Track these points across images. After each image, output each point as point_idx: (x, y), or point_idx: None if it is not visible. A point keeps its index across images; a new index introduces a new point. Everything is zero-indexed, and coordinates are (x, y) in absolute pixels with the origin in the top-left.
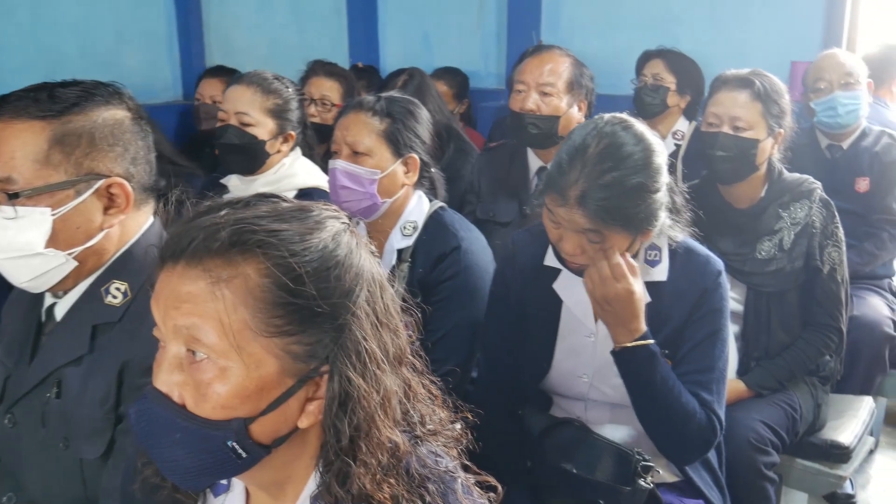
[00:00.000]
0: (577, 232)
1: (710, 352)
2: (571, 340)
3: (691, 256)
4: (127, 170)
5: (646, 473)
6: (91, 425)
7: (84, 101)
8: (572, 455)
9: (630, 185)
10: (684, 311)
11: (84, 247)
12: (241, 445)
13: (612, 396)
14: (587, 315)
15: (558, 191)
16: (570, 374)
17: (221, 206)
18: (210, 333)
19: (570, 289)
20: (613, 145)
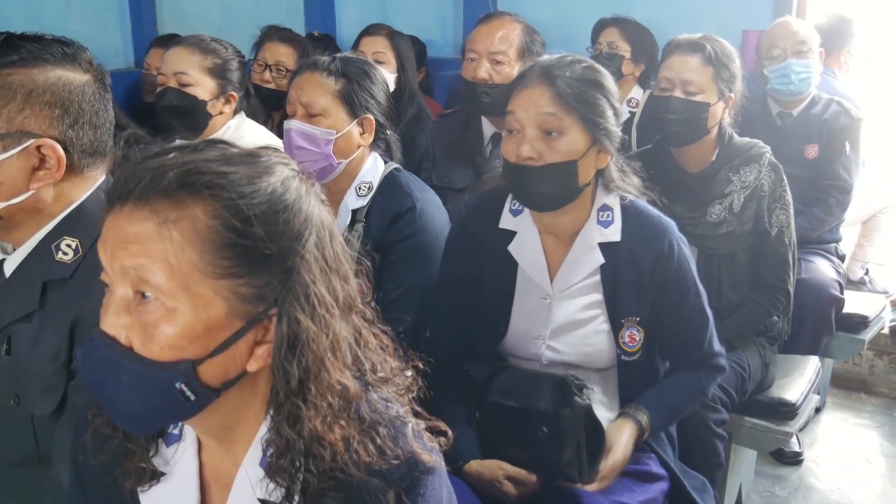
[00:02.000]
0: (535, 129)
1: (696, 312)
2: (527, 302)
3: (643, 217)
4: (64, 133)
5: (580, 392)
6: (42, 382)
7: (33, 58)
8: (512, 392)
9: (591, 78)
10: (642, 272)
11: (7, 203)
12: (190, 388)
13: (568, 355)
14: (543, 276)
15: (523, 80)
16: (525, 335)
17: (169, 150)
18: (158, 274)
19: (526, 251)
20: (578, 58)
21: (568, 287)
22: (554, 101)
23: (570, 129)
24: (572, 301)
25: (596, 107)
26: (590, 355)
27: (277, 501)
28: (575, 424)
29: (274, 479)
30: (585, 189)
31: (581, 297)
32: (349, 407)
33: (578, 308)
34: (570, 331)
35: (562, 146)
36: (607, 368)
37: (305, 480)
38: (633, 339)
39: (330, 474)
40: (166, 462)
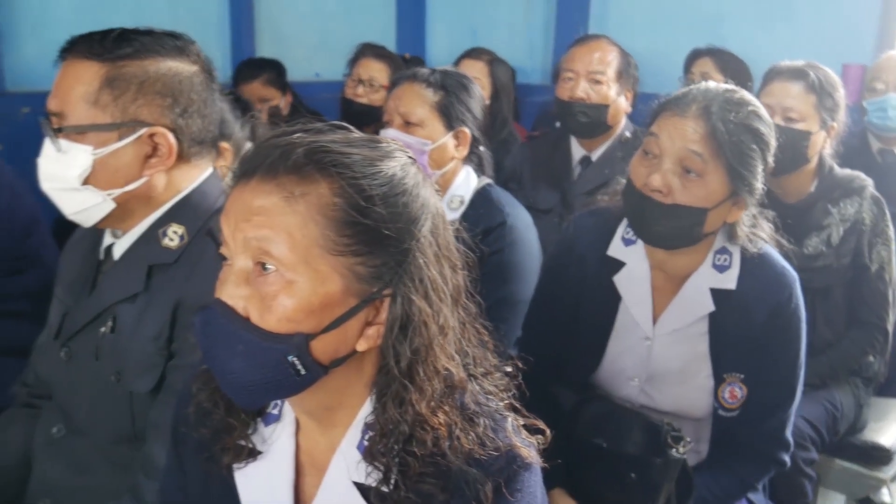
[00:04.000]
0: (674, 162)
1: (790, 382)
2: (626, 340)
3: (766, 266)
4: (174, 122)
5: (676, 444)
6: (143, 360)
7: (147, 51)
8: (603, 429)
9: (753, 126)
10: (754, 324)
11: (122, 190)
12: (301, 362)
13: (663, 404)
14: (646, 316)
15: (678, 105)
16: (620, 374)
17: (294, 130)
18: (280, 246)
19: (632, 286)
20: (745, 98)
21: (671, 331)
22: (705, 140)
23: (712, 175)
24: (674, 347)
25: (748, 159)
26: (685, 408)
27: (373, 485)
28: (667, 476)
29: (372, 461)
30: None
31: (684, 344)
32: (452, 394)
33: (680, 356)
34: (668, 379)
35: (697, 190)
36: (700, 419)
37: (405, 463)
38: (734, 395)
39: (430, 459)
40: (263, 441)
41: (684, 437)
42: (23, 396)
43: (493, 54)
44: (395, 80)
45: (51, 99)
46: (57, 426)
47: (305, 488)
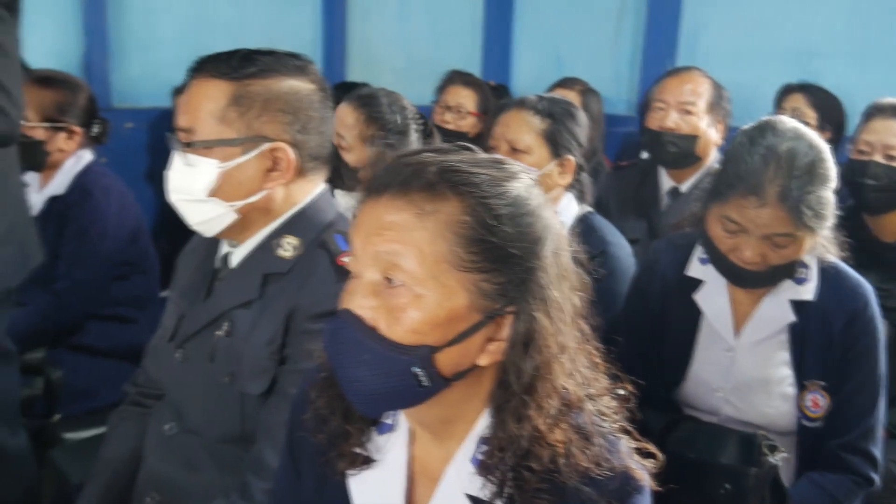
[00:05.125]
0: (762, 237)
1: (871, 391)
2: (709, 353)
3: (842, 278)
4: (294, 137)
5: (771, 452)
6: (256, 363)
7: (271, 70)
8: (694, 444)
9: (824, 181)
10: (833, 333)
11: (244, 202)
12: (425, 373)
13: (748, 414)
14: (727, 328)
15: (752, 190)
16: (705, 386)
17: (423, 150)
18: (410, 260)
19: (712, 301)
20: (803, 144)
21: (754, 342)
22: (789, 222)
23: (802, 236)
24: (757, 357)
25: (824, 216)
26: (770, 417)
27: (486, 498)
28: (762, 484)
29: (487, 475)
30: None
31: (766, 353)
32: (570, 412)
33: (763, 365)
34: (752, 388)
35: (789, 250)
36: (787, 434)
37: (521, 478)
38: (817, 404)
39: (546, 476)
40: (378, 449)
41: (778, 445)
42: (133, 395)
43: (585, 84)
44: (501, 107)
45: (180, 115)
46: (169, 424)
47: (418, 498)
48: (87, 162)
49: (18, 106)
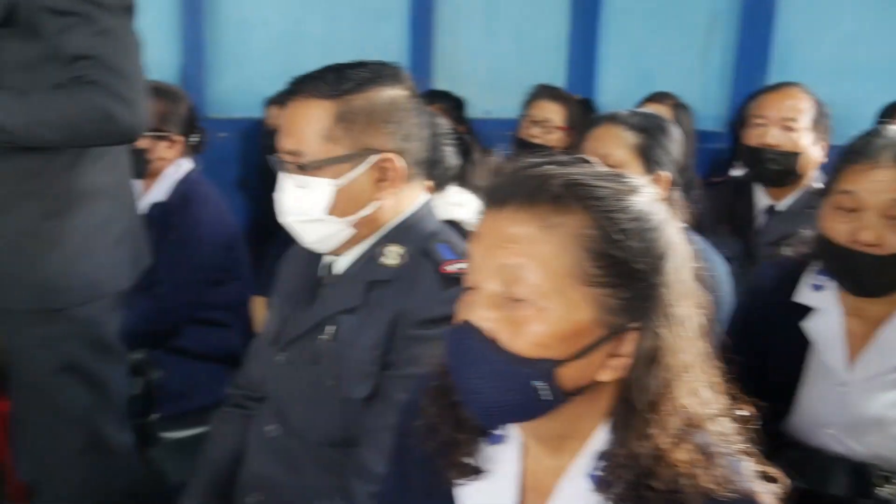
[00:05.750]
0: (879, 214)
1: None
2: (819, 387)
3: None
4: (399, 146)
5: (885, 483)
6: (360, 368)
7: (367, 83)
8: (803, 472)
9: None
10: None
11: (358, 215)
12: (546, 387)
13: (863, 455)
14: (840, 361)
15: (867, 155)
16: (813, 423)
17: (543, 161)
18: (535, 273)
19: (824, 330)
20: None
21: (870, 377)
22: None
23: None
24: (875, 394)
25: None
26: (887, 458)
27: None
28: None
29: (606, 492)
30: None
31: (887, 391)
32: (692, 432)
33: (883, 404)
34: (869, 429)
35: None
36: None
37: (641, 497)
38: None
39: (667, 496)
40: (488, 460)
41: (892, 476)
42: (235, 398)
43: (676, 99)
44: (591, 122)
45: (285, 139)
46: (271, 426)
47: None
48: (187, 170)
49: (143, 96)
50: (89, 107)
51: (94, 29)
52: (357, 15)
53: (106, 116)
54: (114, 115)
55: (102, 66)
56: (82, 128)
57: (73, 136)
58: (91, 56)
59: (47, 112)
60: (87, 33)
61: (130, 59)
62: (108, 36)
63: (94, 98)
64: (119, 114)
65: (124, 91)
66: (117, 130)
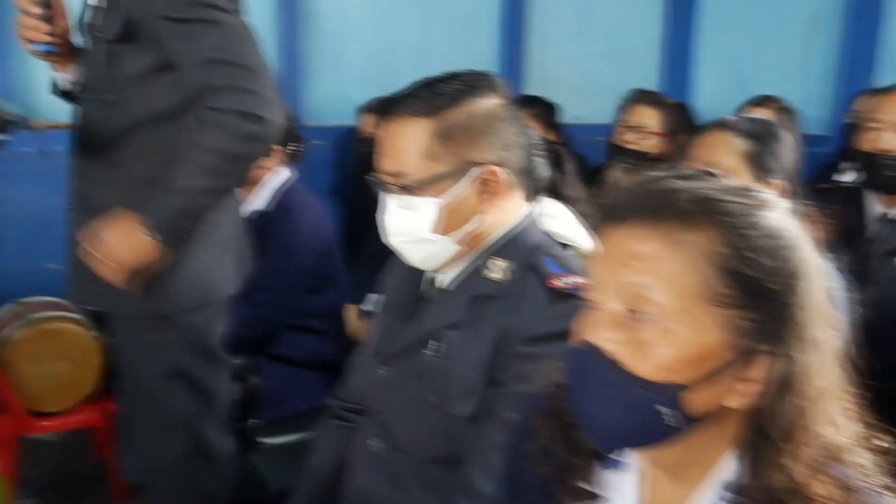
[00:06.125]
0: None
1: None
2: None
3: None
4: (500, 156)
5: None
6: (465, 384)
7: (461, 95)
8: None
9: None
10: None
11: (463, 231)
12: (670, 413)
13: None
14: None
15: None
16: None
17: (666, 174)
18: (660, 293)
19: None
20: None
21: None
22: None
23: None
24: None
25: None
26: None
27: None
28: None
29: None
30: None
31: None
32: (829, 464)
33: None
34: None
35: None
36: None
37: None
38: None
39: None
40: (605, 487)
41: None
42: (336, 409)
43: (781, 102)
44: (700, 128)
45: (385, 160)
46: (374, 440)
47: None
48: (286, 178)
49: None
50: (225, 124)
51: (215, 31)
52: (449, 22)
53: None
54: (249, 114)
55: (228, 66)
56: (235, 150)
57: (235, 164)
58: (217, 59)
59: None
60: (209, 37)
61: (255, 54)
62: (231, 36)
63: (223, 113)
64: (254, 111)
65: (253, 86)
66: (261, 128)
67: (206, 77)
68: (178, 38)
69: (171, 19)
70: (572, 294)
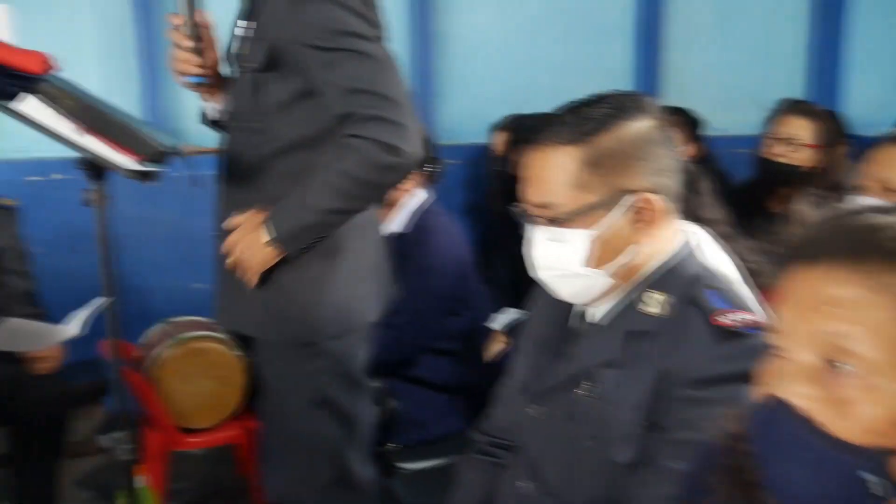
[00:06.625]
0: None
1: None
2: None
3: None
4: (655, 182)
5: None
6: (623, 428)
7: (611, 119)
8: None
9: None
10: None
11: (617, 263)
12: (878, 481)
13: None
14: None
15: None
16: None
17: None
18: (864, 344)
19: None
20: None
21: None
22: None
23: None
24: None
25: None
26: None
27: None
28: None
29: None
30: None
31: None
32: None
33: None
34: None
35: None
36: None
37: None
38: None
39: None
40: None
41: None
42: (481, 444)
43: None
44: (874, 141)
45: (532, 192)
46: (524, 482)
47: None
48: (423, 200)
49: (415, 120)
50: (364, 152)
51: (359, 61)
52: (583, 34)
53: (383, 153)
54: (391, 145)
55: (372, 96)
56: (369, 178)
57: (367, 190)
58: (360, 89)
59: (335, 185)
60: (353, 66)
61: (396, 83)
62: (374, 66)
63: (365, 141)
64: (395, 143)
65: (396, 117)
66: (399, 160)
67: (349, 106)
68: (322, 66)
69: (316, 48)
70: (742, 333)
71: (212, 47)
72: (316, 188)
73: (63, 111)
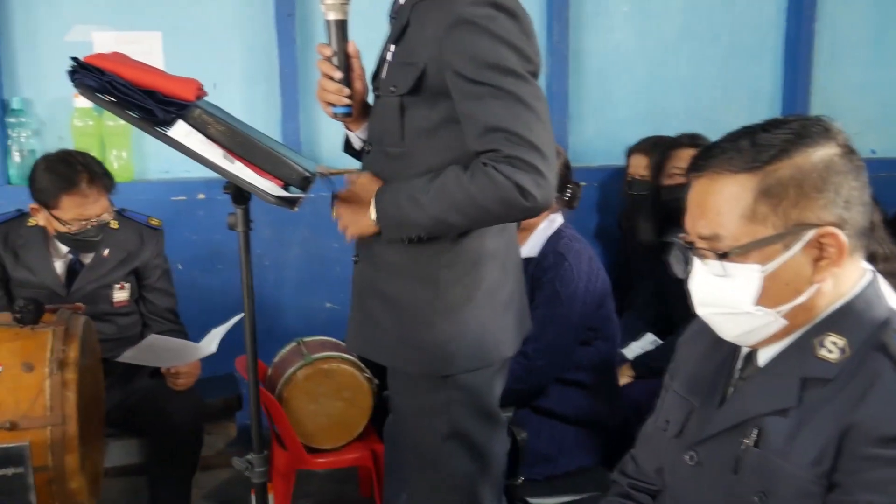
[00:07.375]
0: None
1: None
2: None
3: None
4: (839, 216)
5: None
6: (797, 486)
7: (790, 146)
8: None
9: None
10: None
11: (793, 304)
12: None
13: None
14: None
15: None
16: None
17: None
18: None
19: None
20: None
21: None
22: None
23: None
24: None
25: None
26: None
27: None
28: None
29: None
30: None
31: None
32: None
33: None
34: None
35: None
36: None
37: None
38: None
39: None
40: None
41: None
42: (622, 487)
43: None
44: None
45: (696, 222)
46: None
47: None
48: (559, 225)
49: (554, 167)
50: (499, 186)
51: (507, 100)
52: (724, 54)
53: (517, 195)
54: (527, 191)
55: (516, 138)
56: (490, 208)
57: (481, 217)
58: (504, 129)
59: (455, 199)
60: (500, 104)
61: (543, 128)
62: (522, 106)
63: (503, 177)
64: (532, 190)
65: (539, 164)
66: (529, 206)
67: (488, 143)
68: (467, 97)
69: (466, 78)
70: None
71: (360, 78)
72: (435, 192)
73: (213, 137)
